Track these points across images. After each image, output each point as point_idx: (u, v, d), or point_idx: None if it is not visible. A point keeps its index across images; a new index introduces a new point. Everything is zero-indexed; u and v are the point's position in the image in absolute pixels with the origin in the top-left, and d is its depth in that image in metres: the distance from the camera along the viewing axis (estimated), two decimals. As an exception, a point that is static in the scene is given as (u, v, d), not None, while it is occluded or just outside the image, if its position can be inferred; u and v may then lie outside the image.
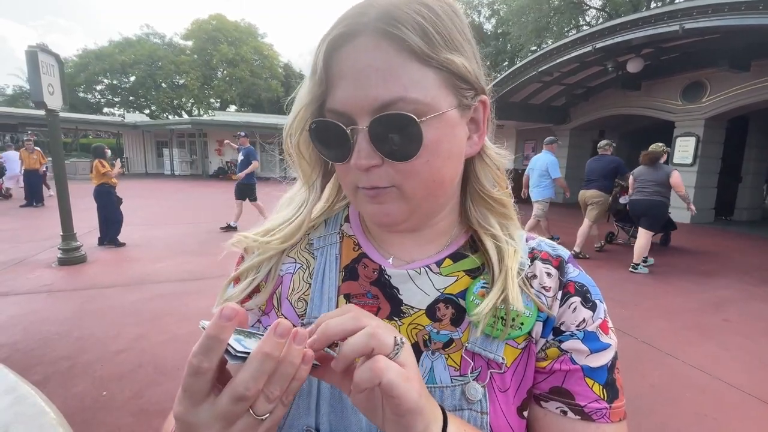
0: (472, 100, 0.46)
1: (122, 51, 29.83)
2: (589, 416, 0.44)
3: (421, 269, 0.51)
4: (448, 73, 0.42)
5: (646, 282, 4.89)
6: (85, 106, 30.63)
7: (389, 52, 0.40)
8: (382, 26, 0.40)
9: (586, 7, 21.04)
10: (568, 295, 0.48)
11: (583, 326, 0.47)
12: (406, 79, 0.40)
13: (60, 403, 2.23)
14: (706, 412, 2.36)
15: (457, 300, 0.49)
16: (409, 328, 0.48)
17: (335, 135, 0.43)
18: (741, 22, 6.09)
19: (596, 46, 8.00)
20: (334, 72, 0.42)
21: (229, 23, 32.48)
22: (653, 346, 3.15)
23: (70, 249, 5.08)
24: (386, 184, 0.43)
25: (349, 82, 0.41)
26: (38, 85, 4.56)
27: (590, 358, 0.46)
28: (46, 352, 2.88)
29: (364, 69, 0.40)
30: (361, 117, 0.41)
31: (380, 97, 0.40)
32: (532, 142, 14.70)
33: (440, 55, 0.41)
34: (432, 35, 0.40)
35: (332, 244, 0.55)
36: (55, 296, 4.03)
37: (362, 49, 0.40)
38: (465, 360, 0.46)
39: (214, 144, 22.38)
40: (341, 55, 0.42)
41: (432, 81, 0.41)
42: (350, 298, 0.51)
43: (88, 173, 19.80)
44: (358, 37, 0.41)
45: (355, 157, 0.42)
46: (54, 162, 5.28)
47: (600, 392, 0.45)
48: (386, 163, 0.42)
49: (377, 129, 0.41)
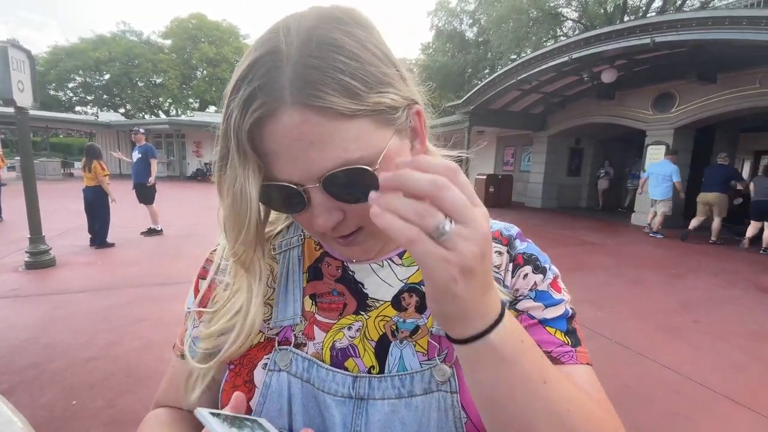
0: (407, 120, 0.43)
1: (96, 48, 28.92)
2: (557, 359, 0.45)
3: (384, 261, 0.52)
4: (380, 113, 0.39)
5: (618, 284, 5.04)
6: (56, 103, 29.53)
7: (318, 123, 0.36)
8: (301, 99, 0.36)
9: (563, 18, 21.69)
10: (518, 266, 0.51)
11: (534, 287, 0.49)
12: (342, 141, 0.37)
13: (28, 413, 2.12)
14: (678, 410, 2.45)
15: (420, 288, 0.50)
16: (376, 320, 0.49)
17: (288, 195, 0.40)
18: (708, 37, 6.41)
19: (572, 57, 8.25)
20: (264, 150, 0.39)
21: (210, 23, 31.99)
22: (626, 347, 3.26)
23: (38, 252, 4.87)
24: (354, 228, 0.43)
25: (286, 161, 0.38)
26: (8, 82, 4.37)
27: (546, 311, 0.48)
28: (12, 359, 2.75)
29: (296, 145, 0.37)
30: (309, 182, 0.39)
31: (324, 167, 0.38)
32: (512, 148, 15.01)
33: (369, 101, 0.38)
34: (356, 87, 0.37)
35: (294, 247, 0.54)
36: (22, 301, 3.86)
37: (288, 126, 0.37)
38: (431, 344, 0.47)
39: (192, 145, 21.94)
40: (265, 134, 0.38)
41: (366, 129, 0.38)
42: (316, 297, 0.51)
43: (59, 173, 19.03)
44: (278, 114, 0.37)
45: (317, 217, 0.40)
46: (22, 161, 5.06)
47: (563, 338, 0.47)
48: (348, 213, 0.41)
49: (331, 187, 0.39)
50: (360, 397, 0.45)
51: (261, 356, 0.48)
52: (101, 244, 6.04)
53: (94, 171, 5.94)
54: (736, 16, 6.05)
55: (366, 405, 0.45)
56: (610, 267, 5.88)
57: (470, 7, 26.21)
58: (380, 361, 0.47)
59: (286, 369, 0.46)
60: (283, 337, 0.49)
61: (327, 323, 0.49)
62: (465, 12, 26.78)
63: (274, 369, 0.47)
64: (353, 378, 0.46)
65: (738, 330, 3.70)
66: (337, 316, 0.50)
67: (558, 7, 20.99)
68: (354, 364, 0.47)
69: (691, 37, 6.58)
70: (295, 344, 0.48)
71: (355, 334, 0.49)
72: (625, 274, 5.47)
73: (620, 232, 9.08)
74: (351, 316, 0.50)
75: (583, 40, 8.15)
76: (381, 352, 0.47)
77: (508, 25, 20.77)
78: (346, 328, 0.49)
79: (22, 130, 4.85)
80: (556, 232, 8.57)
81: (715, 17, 6.27)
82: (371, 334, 0.48)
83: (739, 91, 7.88)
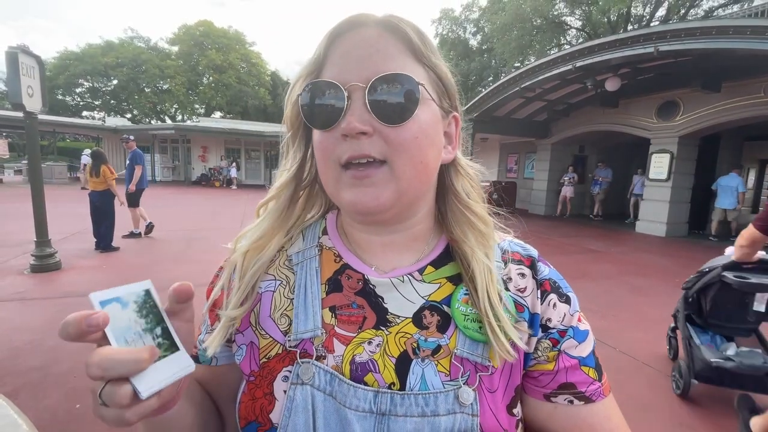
0: (449, 110, 0.51)
1: (104, 53, 29.26)
2: (590, 399, 0.50)
3: (405, 277, 0.51)
4: (435, 75, 0.48)
5: (622, 292, 5.01)
6: (63, 108, 29.85)
7: (390, 41, 0.45)
8: (385, 20, 0.46)
9: (567, 26, 21.78)
10: (545, 293, 0.52)
11: (566, 321, 0.52)
12: (403, 64, 0.45)
13: (31, 415, 2.13)
14: (682, 421, 2.42)
15: (442, 307, 0.50)
16: (397, 336, 0.49)
17: (328, 97, 0.45)
18: (712, 46, 6.41)
19: (576, 65, 8.28)
20: (335, 52, 0.46)
21: (217, 30, 32.33)
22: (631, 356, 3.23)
23: (44, 255, 4.91)
24: (377, 154, 0.44)
25: (350, 58, 0.45)
26: (17, 87, 4.44)
27: (579, 348, 0.51)
28: (17, 362, 2.77)
29: (366, 49, 0.45)
30: (358, 81, 0.44)
31: (380, 71, 0.44)
32: (516, 155, 15.02)
33: (431, 58, 0.47)
34: (425, 41, 0.47)
35: (311, 258, 0.54)
36: (27, 304, 3.89)
37: (366, 36, 0.45)
38: (454, 365, 0.47)
39: (198, 150, 22.08)
40: (344, 39, 0.46)
41: (423, 76, 0.47)
42: (335, 310, 0.51)
43: (66, 177, 19.18)
44: (362, 27, 0.46)
45: (347, 120, 0.44)
46: (30, 165, 5.12)
47: (593, 375, 0.51)
48: (377, 133, 0.44)
49: (376, 89, 0.43)
50: (381, 413, 0.45)
51: (281, 368, 0.48)
52: (106, 248, 6.08)
53: (103, 175, 6.05)
54: (740, 26, 6.05)
55: (388, 421, 0.44)
56: (614, 275, 5.86)
57: (474, 16, 26.38)
58: (401, 378, 0.47)
59: (309, 383, 0.46)
60: (303, 349, 0.48)
61: (347, 336, 0.49)
62: (469, 20, 26.94)
63: (297, 382, 0.46)
64: (374, 393, 0.45)
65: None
66: (357, 330, 0.49)
67: (561, 15, 21.08)
68: (374, 379, 0.47)
69: (695, 47, 6.58)
70: (316, 357, 0.48)
71: (375, 349, 0.48)
72: (629, 282, 5.44)
73: (624, 240, 9.04)
74: (371, 331, 0.49)
75: (587, 48, 8.17)
76: (401, 369, 0.47)
77: (512, 33, 20.86)
78: (366, 343, 0.48)
79: (31, 135, 4.91)
80: (560, 240, 8.55)
81: (719, 26, 6.27)
82: (391, 350, 0.48)
83: (743, 99, 7.86)
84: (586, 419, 0.49)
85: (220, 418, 0.56)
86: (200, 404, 0.52)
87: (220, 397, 0.56)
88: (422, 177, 0.48)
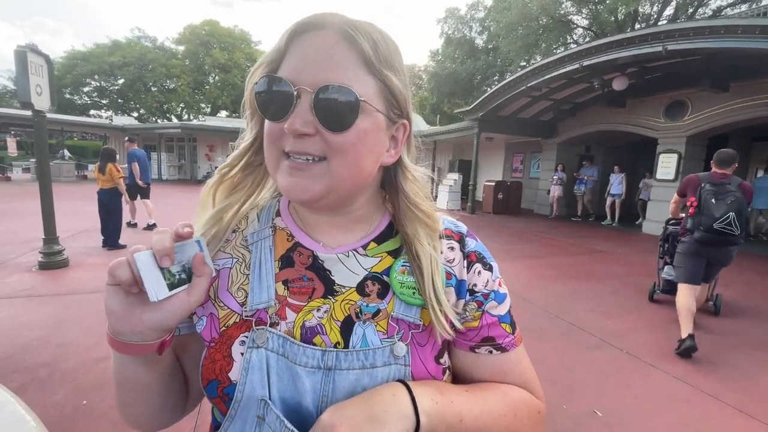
0: (397, 119, 0.55)
1: (111, 53, 29.50)
2: (505, 349, 0.59)
3: (350, 252, 0.59)
4: (384, 86, 0.51)
5: (628, 293, 4.97)
6: (71, 107, 30.12)
7: (345, 51, 0.48)
8: (344, 28, 0.48)
9: (574, 25, 21.63)
10: (472, 263, 0.61)
11: (489, 286, 0.60)
12: (353, 75, 0.48)
13: (39, 411, 2.15)
14: (689, 423, 2.40)
15: (382, 277, 0.57)
16: (342, 303, 0.55)
17: (280, 93, 0.48)
18: (720, 45, 6.35)
19: (583, 64, 8.22)
20: (294, 50, 0.49)
21: (223, 29, 32.49)
22: (637, 357, 3.21)
23: (51, 253, 4.96)
24: (317, 152, 0.49)
25: (306, 60, 0.48)
26: (26, 86, 4.48)
27: (499, 308, 0.60)
28: (24, 358, 2.80)
29: (320, 54, 0.48)
30: (308, 86, 0.47)
31: (328, 80, 0.47)
32: (521, 155, 14.95)
33: (382, 69, 0.50)
34: (378, 51, 0.50)
35: (265, 238, 0.60)
36: (35, 301, 3.93)
37: (323, 40, 0.48)
38: (391, 325, 0.54)
39: (204, 149, 22.19)
40: (304, 39, 0.49)
41: (371, 87, 0.50)
42: (288, 283, 0.56)
43: (73, 175, 19.35)
44: (323, 30, 0.48)
45: (291, 120, 0.48)
46: (38, 164, 5.17)
47: (509, 329, 0.60)
48: (319, 134, 0.48)
49: (320, 97, 0.47)
50: (328, 368, 0.51)
51: (238, 334, 0.54)
52: (113, 246, 6.14)
53: (110, 173, 6.10)
54: (749, 25, 5.98)
55: (333, 375, 0.51)
56: (621, 276, 5.82)
57: (480, 15, 26.30)
58: (345, 338, 0.53)
59: (263, 346, 0.52)
60: (258, 318, 0.54)
61: (298, 305, 0.55)
62: (475, 19, 26.87)
63: (253, 346, 0.52)
64: (322, 352, 0.52)
65: (755, 340, 3.63)
66: (307, 299, 0.55)
67: (568, 14, 20.94)
68: (321, 340, 0.53)
69: (704, 46, 6.52)
70: (270, 324, 0.54)
71: (323, 315, 0.55)
72: (635, 284, 5.40)
73: (630, 240, 8.97)
74: (319, 300, 0.55)
75: (595, 47, 8.12)
76: (346, 330, 0.54)
77: (518, 32, 20.76)
78: (315, 310, 0.55)
79: (40, 133, 4.95)
80: (565, 240, 8.51)
81: (727, 26, 6.20)
82: (337, 315, 0.55)
83: (752, 99, 7.78)
84: (502, 366, 0.59)
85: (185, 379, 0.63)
86: (171, 361, 0.59)
87: (184, 362, 0.62)
88: (356, 179, 0.52)
